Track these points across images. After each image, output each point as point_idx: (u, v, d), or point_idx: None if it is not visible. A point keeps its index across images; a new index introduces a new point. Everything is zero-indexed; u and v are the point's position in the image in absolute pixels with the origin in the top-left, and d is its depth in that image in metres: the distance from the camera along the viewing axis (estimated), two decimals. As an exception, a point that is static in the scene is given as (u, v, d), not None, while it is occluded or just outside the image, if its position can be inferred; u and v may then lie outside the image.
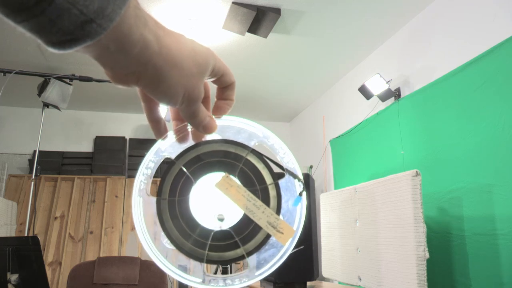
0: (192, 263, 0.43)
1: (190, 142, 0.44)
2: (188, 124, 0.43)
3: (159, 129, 0.42)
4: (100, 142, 4.42)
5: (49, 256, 3.69)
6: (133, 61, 0.30)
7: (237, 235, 0.43)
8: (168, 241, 0.43)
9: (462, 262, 2.05)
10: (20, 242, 1.48)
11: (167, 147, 0.44)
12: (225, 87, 0.42)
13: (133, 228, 4.01)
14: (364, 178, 3.00)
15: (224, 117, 0.44)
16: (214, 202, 0.44)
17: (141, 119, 4.67)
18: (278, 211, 0.43)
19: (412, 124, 2.59)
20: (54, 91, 2.98)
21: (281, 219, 0.43)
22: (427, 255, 1.62)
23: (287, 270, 2.01)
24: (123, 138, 4.48)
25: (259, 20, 2.65)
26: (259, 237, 0.43)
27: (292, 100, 4.22)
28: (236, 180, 0.43)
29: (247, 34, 2.80)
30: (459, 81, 2.20)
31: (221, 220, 0.44)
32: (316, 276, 2.08)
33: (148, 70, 0.32)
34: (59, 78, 2.99)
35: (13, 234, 3.41)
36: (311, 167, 4.03)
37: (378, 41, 3.04)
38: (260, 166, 0.44)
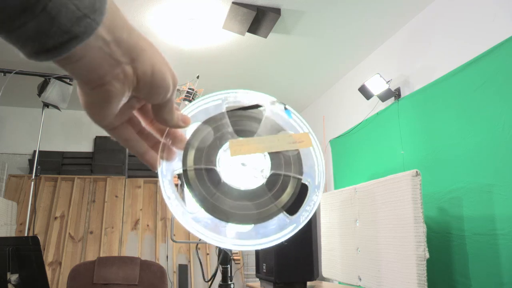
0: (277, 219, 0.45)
1: (178, 153, 0.45)
2: (163, 140, 0.44)
3: (153, 164, 0.43)
4: (100, 142, 4.42)
5: (49, 256, 3.69)
6: (126, 47, 0.31)
7: (280, 170, 0.46)
8: (238, 226, 0.44)
9: (462, 262, 2.05)
10: (20, 242, 1.48)
11: (168, 165, 0.45)
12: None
13: (133, 228, 4.02)
14: (364, 178, 3.00)
15: (186, 109, 0.46)
16: (245, 165, 0.47)
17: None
18: (285, 131, 0.48)
19: (412, 124, 2.59)
20: (54, 91, 2.99)
21: (292, 133, 0.48)
22: (427, 255, 1.62)
23: (287, 270, 2.01)
24: (123, 138, 4.48)
25: (259, 20, 2.65)
26: (295, 159, 0.47)
27: (292, 100, 4.22)
28: (240, 138, 0.46)
29: (247, 34, 2.80)
30: (459, 81, 2.20)
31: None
32: (316, 276, 2.08)
33: (140, 55, 0.32)
34: (59, 78, 2.99)
35: (13, 234, 3.41)
36: (311, 167, 4.03)
37: (378, 41, 3.04)
38: (244, 115, 0.48)
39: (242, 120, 0.48)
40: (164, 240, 4.01)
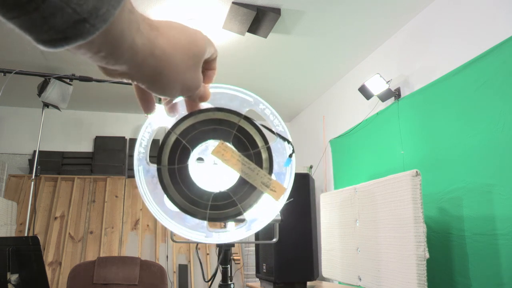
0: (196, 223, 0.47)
1: (181, 112, 0.45)
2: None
3: (148, 106, 0.42)
4: (100, 142, 4.42)
5: (49, 256, 3.69)
6: (124, 64, 0.31)
7: (234, 195, 0.47)
8: (172, 204, 0.46)
9: (462, 262, 2.05)
10: (20, 242, 1.48)
11: (160, 119, 0.47)
12: (210, 60, 0.44)
13: (133, 228, 4.02)
14: (364, 178, 3.00)
15: (216, 84, 0.46)
16: (213, 168, 0.48)
17: (141, 119, 4.66)
18: (270, 171, 0.48)
19: (412, 124, 2.59)
20: (54, 91, 2.99)
21: (273, 179, 0.47)
22: (427, 255, 1.62)
23: (287, 270, 2.01)
24: (123, 138, 4.48)
25: (259, 20, 2.65)
26: (254, 196, 0.47)
27: (292, 100, 4.22)
28: (231, 146, 0.46)
29: (247, 34, 2.80)
30: (459, 81, 2.20)
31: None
32: (316, 276, 2.08)
33: (141, 72, 0.32)
34: (59, 78, 2.99)
35: (13, 234, 3.41)
36: (311, 167, 4.03)
37: (378, 41, 3.04)
38: (252, 131, 0.47)
39: (249, 133, 0.47)
40: (164, 240, 4.01)
